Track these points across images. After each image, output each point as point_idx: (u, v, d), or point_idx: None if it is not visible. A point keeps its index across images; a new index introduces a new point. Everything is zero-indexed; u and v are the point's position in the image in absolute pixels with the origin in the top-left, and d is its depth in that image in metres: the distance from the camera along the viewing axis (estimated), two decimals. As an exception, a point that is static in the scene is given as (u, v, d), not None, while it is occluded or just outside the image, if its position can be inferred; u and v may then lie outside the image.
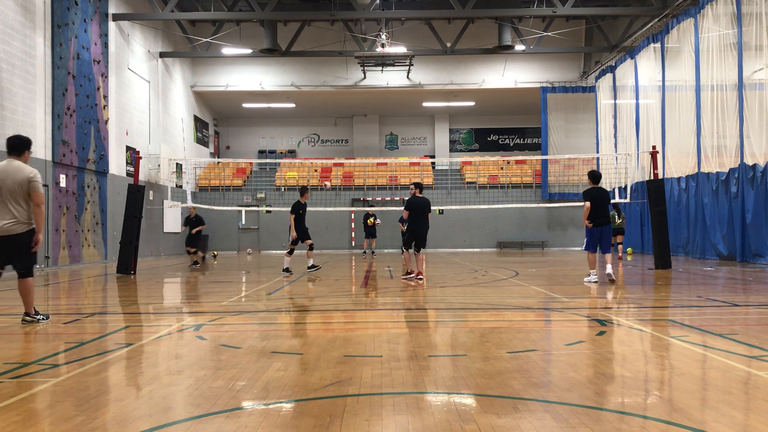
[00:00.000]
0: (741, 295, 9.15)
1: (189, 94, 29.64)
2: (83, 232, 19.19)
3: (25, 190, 6.43)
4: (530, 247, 28.98)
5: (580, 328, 6.30)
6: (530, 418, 3.34)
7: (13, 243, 6.41)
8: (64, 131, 17.98)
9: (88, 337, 5.99)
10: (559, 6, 22.02)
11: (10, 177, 6.41)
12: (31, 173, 6.47)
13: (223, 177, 31.04)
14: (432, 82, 29.89)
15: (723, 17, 16.54)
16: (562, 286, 10.69)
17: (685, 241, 19.21)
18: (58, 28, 17.78)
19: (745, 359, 4.69)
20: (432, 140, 35.32)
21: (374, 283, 11.83)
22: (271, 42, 24.60)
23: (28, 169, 6.51)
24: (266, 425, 3.27)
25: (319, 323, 7.01)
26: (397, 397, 3.75)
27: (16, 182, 6.41)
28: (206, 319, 7.07)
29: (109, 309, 8.04)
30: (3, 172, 6.44)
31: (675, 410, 3.46)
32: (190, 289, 11.64)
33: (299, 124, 35.25)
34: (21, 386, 4.13)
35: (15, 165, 6.51)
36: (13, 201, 6.40)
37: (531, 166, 30.99)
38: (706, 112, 17.46)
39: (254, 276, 14.10)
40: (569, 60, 30.25)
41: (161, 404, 3.70)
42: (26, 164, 6.61)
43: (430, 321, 7.04)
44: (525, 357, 4.83)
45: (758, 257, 15.07)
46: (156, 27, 25.36)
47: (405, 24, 28.31)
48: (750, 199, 15.43)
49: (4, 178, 6.40)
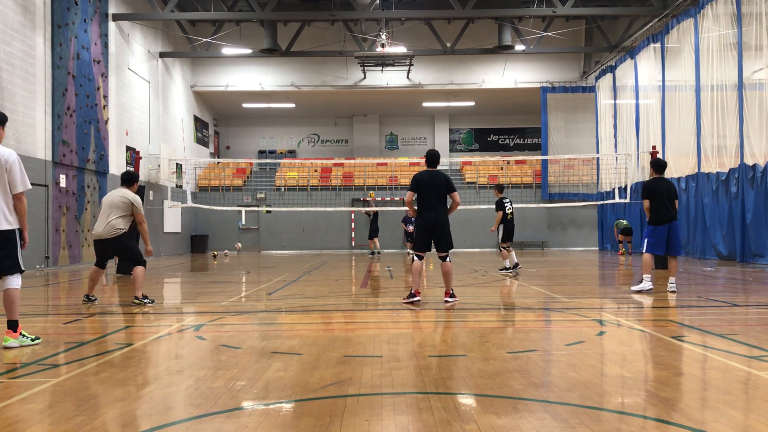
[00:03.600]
0: (741, 295, 9.16)
1: (189, 94, 29.64)
2: (83, 232, 19.19)
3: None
4: (530, 247, 28.98)
5: (580, 328, 6.30)
6: (530, 418, 3.34)
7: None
8: (64, 131, 17.98)
9: (88, 337, 5.99)
10: (559, 6, 22.02)
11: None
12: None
13: (223, 177, 31.04)
14: (432, 82, 29.89)
15: (723, 17, 16.54)
16: (562, 286, 10.69)
17: (685, 241, 19.20)
18: (58, 28, 17.78)
19: (745, 359, 4.69)
20: (432, 140, 35.31)
21: (374, 283, 11.83)
22: (271, 42, 24.60)
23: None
24: (266, 425, 3.27)
25: (319, 323, 7.01)
26: (397, 397, 3.75)
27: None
28: (206, 320, 7.07)
29: (109, 309, 8.05)
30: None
31: (675, 410, 3.46)
32: (190, 289, 11.64)
33: (299, 124, 35.25)
34: (21, 386, 4.13)
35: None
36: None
37: (531, 166, 31.00)
38: (706, 112, 17.46)
39: (254, 276, 14.11)
40: (569, 60, 30.25)
41: (161, 404, 3.70)
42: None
43: (430, 321, 7.04)
44: (525, 357, 4.83)
45: (758, 257, 15.07)
46: (156, 27, 25.36)
47: (405, 24, 28.30)
48: (750, 199, 15.43)
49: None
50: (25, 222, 5.49)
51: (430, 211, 8.03)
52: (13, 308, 5.40)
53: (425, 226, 8.07)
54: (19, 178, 5.36)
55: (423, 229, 8.11)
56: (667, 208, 9.01)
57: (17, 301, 5.43)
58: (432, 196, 8.05)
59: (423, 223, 8.10)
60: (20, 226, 5.45)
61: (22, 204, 5.43)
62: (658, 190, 9.09)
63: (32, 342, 5.50)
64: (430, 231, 8.06)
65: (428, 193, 8.06)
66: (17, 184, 5.36)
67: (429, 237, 8.10)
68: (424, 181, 8.10)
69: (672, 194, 9.11)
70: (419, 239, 8.18)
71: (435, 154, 8.29)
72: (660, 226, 9.01)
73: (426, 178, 8.13)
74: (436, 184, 8.06)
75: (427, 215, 8.04)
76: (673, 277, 9.14)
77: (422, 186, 8.10)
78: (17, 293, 5.44)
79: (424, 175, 8.16)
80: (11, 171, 5.34)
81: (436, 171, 8.21)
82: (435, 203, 8.04)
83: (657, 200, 9.04)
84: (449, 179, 8.18)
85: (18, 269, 5.45)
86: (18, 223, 5.43)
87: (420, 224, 8.15)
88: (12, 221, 5.38)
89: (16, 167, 5.35)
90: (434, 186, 8.06)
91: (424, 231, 8.10)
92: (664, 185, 9.17)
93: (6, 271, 5.40)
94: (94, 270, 8.58)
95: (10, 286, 5.43)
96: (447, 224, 8.10)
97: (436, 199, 8.05)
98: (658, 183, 9.18)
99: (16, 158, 5.40)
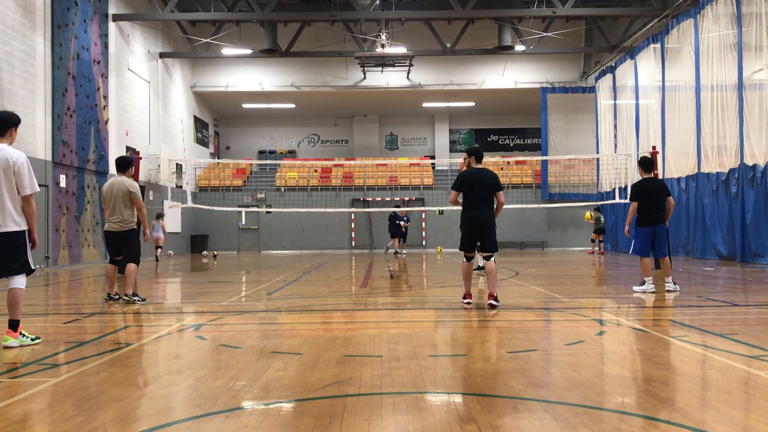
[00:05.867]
0: (741, 295, 9.16)
1: (189, 94, 29.64)
2: (83, 232, 19.19)
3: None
4: (530, 247, 28.98)
5: (580, 328, 6.30)
6: (530, 418, 3.34)
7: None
8: (64, 131, 17.98)
9: (88, 337, 5.99)
10: (559, 6, 22.02)
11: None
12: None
13: (223, 177, 31.04)
14: (432, 82, 29.90)
15: (723, 17, 16.54)
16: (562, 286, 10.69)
17: (685, 241, 19.22)
18: (58, 29, 17.78)
19: (745, 359, 4.69)
20: (432, 140, 35.33)
21: (374, 283, 11.83)
22: (271, 42, 24.61)
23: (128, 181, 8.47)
24: (266, 425, 3.27)
25: (319, 323, 7.01)
26: (397, 397, 3.75)
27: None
28: (206, 319, 7.07)
29: (109, 309, 8.04)
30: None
31: (675, 410, 3.46)
32: (190, 289, 11.64)
33: (299, 124, 35.25)
34: (21, 386, 4.13)
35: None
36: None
37: (531, 167, 31.00)
38: (706, 112, 17.46)
39: (254, 276, 14.11)
40: (569, 60, 30.26)
41: (161, 404, 3.70)
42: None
43: (430, 321, 7.03)
44: (525, 357, 4.83)
45: (758, 257, 15.07)
46: (156, 27, 25.36)
47: (405, 24, 28.31)
48: (750, 200, 15.43)
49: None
50: (34, 224, 5.49)
51: (478, 212, 7.58)
52: (16, 308, 5.40)
53: (473, 227, 7.62)
54: (27, 181, 5.35)
55: (470, 231, 7.67)
56: (654, 211, 8.92)
57: (20, 301, 5.44)
58: (479, 196, 7.59)
59: (471, 224, 7.62)
60: (29, 228, 5.46)
61: (30, 206, 5.42)
62: (650, 190, 8.98)
63: (32, 342, 5.50)
64: (476, 232, 7.66)
65: (476, 192, 7.60)
66: (25, 187, 5.35)
67: (475, 238, 7.72)
68: (472, 180, 7.62)
69: (662, 194, 9.00)
70: (466, 240, 7.75)
71: (480, 150, 7.89)
72: (646, 228, 8.95)
73: (474, 176, 7.65)
74: (485, 183, 7.59)
75: (475, 215, 7.58)
76: (669, 277, 9.16)
77: (470, 185, 7.62)
78: (21, 293, 5.44)
79: (472, 173, 7.68)
80: (19, 173, 5.32)
81: (484, 168, 7.73)
82: (482, 202, 7.60)
83: (647, 202, 8.94)
84: (497, 178, 7.73)
85: (27, 269, 5.46)
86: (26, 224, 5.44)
87: (467, 225, 7.66)
88: (20, 222, 5.38)
89: (24, 169, 5.34)
90: (483, 185, 7.59)
91: (471, 232, 7.67)
92: (656, 185, 9.07)
93: (16, 271, 5.41)
94: (109, 268, 8.72)
95: (15, 286, 5.43)
96: (494, 225, 7.74)
97: (483, 199, 7.60)
98: (650, 183, 9.07)
99: (24, 160, 5.39)
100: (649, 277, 9.08)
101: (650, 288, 9.02)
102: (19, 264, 5.39)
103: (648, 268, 9.10)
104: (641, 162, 9.29)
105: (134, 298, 8.46)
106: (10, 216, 5.31)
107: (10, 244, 5.32)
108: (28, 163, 5.41)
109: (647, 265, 9.10)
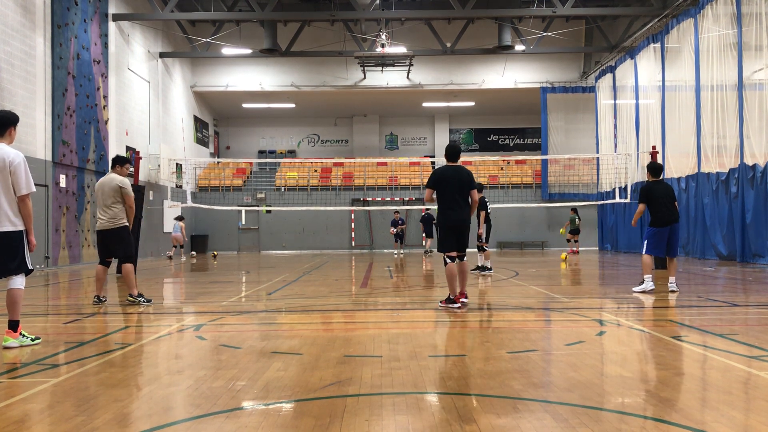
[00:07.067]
0: (741, 295, 9.16)
1: (189, 94, 29.64)
2: (83, 232, 19.19)
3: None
4: (530, 247, 28.98)
5: (580, 328, 6.30)
6: (530, 418, 3.34)
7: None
8: (64, 131, 17.98)
9: (88, 337, 5.99)
10: (559, 6, 22.02)
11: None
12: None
13: (223, 177, 31.04)
14: (432, 82, 29.89)
15: (723, 17, 16.53)
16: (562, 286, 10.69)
17: (685, 241, 19.20)
18: (58, 29, 17.78)
19: (745, 359, 4.69)
20: (432, 140, 35.32)
21: (374, 283, 11.83)
22: (271, 42, 24.61)
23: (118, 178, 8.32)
24: (266, 425, 3.27)
25: (319, 323, 7.01)
26: (397, 397, 3.75)
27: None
28: (206, 319, 7.07)
29: (109, 309, 8.04)
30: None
31: (675, 410, 3.46)
32: (190, 289, 11.64)
33: (299, 124, 35.25)
34: (21, 386, 4.13)
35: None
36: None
37: (531, 166, 31.00)
38: (706, 112, 17.45)
39: (254, 276, 14.10)
40: (569, 60, 30.25)
41: (161, 404, 3.70)
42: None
43: (430, 321, 7.03)
44: (525, 357, 4.83)
45: (758, 257, 15.07)
46: (156, 27, 25.36)
47: (405, 24, 28.30)
48: (750, 200, 15.43)
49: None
50: (31, 224, 5.45)
51: (459, 211, 7.43)
52: (16, 308, 5.40)
53: (453, 225, 7.45)
54: (23, 181, 5.31)
55: (450, 229, 7.48)
56: (669, 210, 8.94)
57: (20, 302, 5.43)
58: (456, 194, 7.41)
59: (450, 223, 7.45)
60: (25, 229, 5.44)
61: (27, 207, 5.38)
62: (658, 192, 9.03)
63: (32, 342, 5.50)
64: (458, 230, 7.48)
65: (452, 189, 7.40)
66: (21, 187, 5.31)
67: (456, 236, 7.49)
68: (448, 177, 7.42)
69: (671, 196, 9.08)
70: (446, 240, 7.51)
71: (455, 147, 7.68)
72: (662, 228, 8.94)
73: (450, 173, 7.44)
74: (461, 181, 7.43)
75: (459, 215, 7.43)
76: (673, 277, 9.15)
77: (445, 182, 7.42)
78: (21, 293, 5.43)
79: (447, 171, 7.47)
80: (15, 173, 5.29)
81: (459, 166, 7.56)
82: (459, 201, 7.43)
83: (658, 203, 8.99)
84: (472, 176, 7.59)
85: (25, 269, 5.44)
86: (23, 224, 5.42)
87: (445, 224, 7.49)
88: (17, 223, 5.35)
89: (21, 169, 5.30)
90: (459, 182, 7.42)
91: (451, 231, 7.48)
92: (663, 188, 9.13)
93: (13, 271, 5.39)
94: (99, 269, 8.54)
95: (14, 286, 5.42)
96: (470, 223, 7.67)
97: (460, 197, 7.44)
98: (656, 186, 9.12)
99: (21, 160, 5.35)
100: (648, 275, 9.08)
101: (650, 286, 9.02)
102: (16, 264, 5.36)
103: (648, 265, 9.11)
104: (649, 168, 9.36)
105: (139, 299, 8.38)
106: (6, 216, 5.28)
107: (6, 244, 5.30)
108: (26, 164, 5.38)
109: (648, 262, 9.11)
